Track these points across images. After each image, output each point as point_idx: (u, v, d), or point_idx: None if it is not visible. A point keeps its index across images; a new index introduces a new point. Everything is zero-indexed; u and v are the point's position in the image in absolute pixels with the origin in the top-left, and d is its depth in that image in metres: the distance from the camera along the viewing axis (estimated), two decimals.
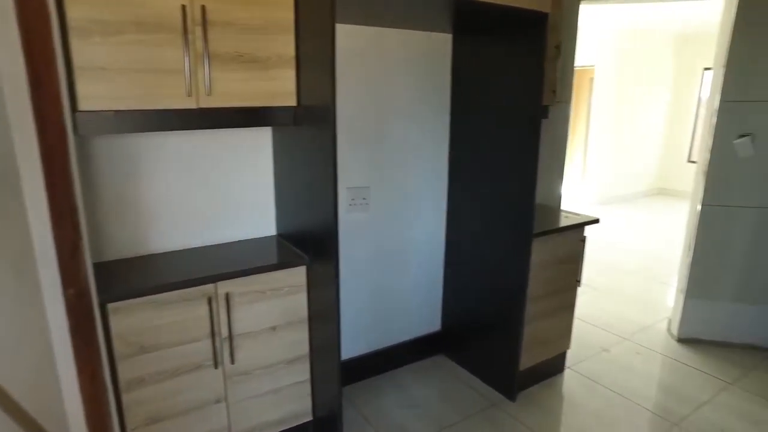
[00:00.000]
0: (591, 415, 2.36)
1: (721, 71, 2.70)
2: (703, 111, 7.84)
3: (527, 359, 2.44)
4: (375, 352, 2.62)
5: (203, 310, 1.73)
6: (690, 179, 8.47)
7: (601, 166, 7.48)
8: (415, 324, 2.75)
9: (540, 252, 2.32)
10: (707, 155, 2.80)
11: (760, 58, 2.63)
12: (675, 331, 3.09)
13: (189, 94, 1.60)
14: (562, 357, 2.70)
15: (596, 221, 2.56)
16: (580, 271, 2.58)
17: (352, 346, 2.54)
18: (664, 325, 3.28)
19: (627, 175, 7.80)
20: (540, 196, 2.83)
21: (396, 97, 2.38)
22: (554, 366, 2.66)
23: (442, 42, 2.45)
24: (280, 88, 1.80)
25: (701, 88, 7.76)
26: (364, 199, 2.38)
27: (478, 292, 2.56)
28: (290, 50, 1.79)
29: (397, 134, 2.42)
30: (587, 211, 2.77)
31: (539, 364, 2.53)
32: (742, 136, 2.71)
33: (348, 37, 2.17)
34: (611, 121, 7.31)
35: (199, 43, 1.58)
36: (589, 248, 2.86)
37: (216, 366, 1.80)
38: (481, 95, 2.36)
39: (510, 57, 2.18)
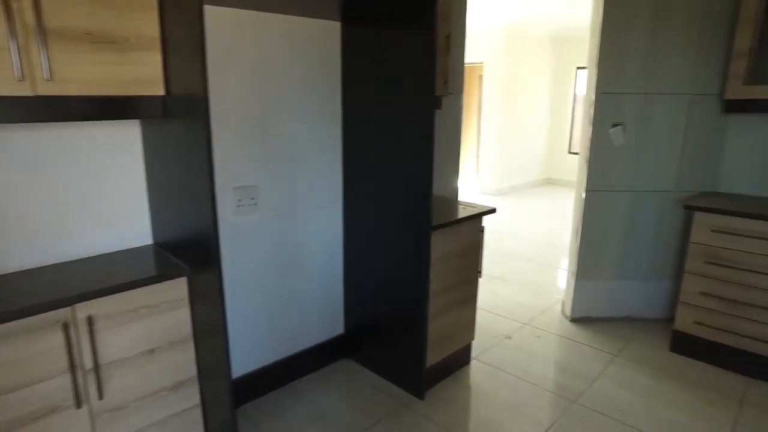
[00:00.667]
0: (499, 403, 2.37)
1: (595, 67, 2.88)
2: (579, 106, 8.56)
3: (434, 355, 2.40)
4: (275, 363, 2.43)
5: (58, 339, 1.44)
6: (571, 169, 9.19)
7: (493, 158, 7.85)
8: (316, 329, 2.61)
9: (440, 245, 2.29)
10: (588, 144, 2.97)
11: (626, 55, 2.84)
12: (568, 312, 3.26)
13: (21, 79, 1.31)
14: (467, 349, 2.71)
15: (493, 211, 2.60)
16: (481, 262, 2.60)
17: (249, 360, 2.33)
18: (558, 307, 3.46)
19: (516, 167, 8.26)
20: (437, 188, 2.82)
21: (284, 88, 2.21)
22: (460, 358, 2.66)
23: (331, 30, 2.32)
24: (143, 74, 1.56)
25: (576, 86, 8.45)
26: (252, 199, 2.18)
27: (380, 290, 2.48)
28: (153, 30, 1.55)
29: (286, 128, 2.26)
30: (482, 202, 2.81)
31: (446, 358, 2.51)
32: (615, 125, 2.91)
33: (226, 20, 1.96)
34: (500, 116, 7.69)
35: (29, 15, 1.30)
36: (486, 238, 2.89)
37: (79, 405, 1.51)
38: (374, 85, 2.27)
39: (401, 46, 2.11)
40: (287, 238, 2.37)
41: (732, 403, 2.39)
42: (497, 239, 5.17)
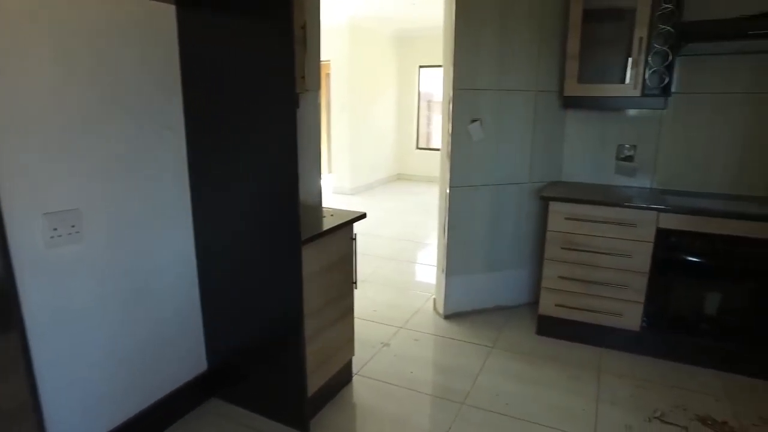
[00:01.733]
0: (388, 420, 2.22)
1: (451, 65, 2.88)
2: (423, 103, 8.94)
3: (315, 381, 2.16)
4: (125, 423, 1.96)
5: None
6: (420, 164, 9.58)
7: (345, 157, 7.79)
8: (173, 371, 2.18)
9: (311, 260, 2.05)
10: (449, 140, 2.97)
11: (479, 54, 2.90)
12: (441, 309, 3.26)
13: None
14: (348, 365, 2.51)
15: (363, 216, 2.44)
16: (355, 272, 2.42)
17: (91, 428, 1.83)
18: (430, 306, 3.45)
19: (369, 165, 8.32)
20: (300, 194, 2.57)
21: (109, 84, 1.75)
22: (342, 377, 2.46)
23: (164, 13, 1.92)
24: None
25: (419, 84, 8.81)
26: (73, 226, 1.70)
27: (248, 316, 2.16)
28: None
29: (115, 133, 1.80)
30: (337, 203, 2.64)
31: (327, 381, 2.28)
32: (474, 121, 2.96)
33: None
34: (350, 114, 7.65)
35: None
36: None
37: None
38: (222, 81, 1.93)
39: (253, 36, 1.82)
40: (125, 269, 1.91)
41: (593, 375, 2.57)
42: (358, 240, 5.07)
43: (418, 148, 9.19)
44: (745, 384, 2.51)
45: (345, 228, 2.30)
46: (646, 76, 2.67)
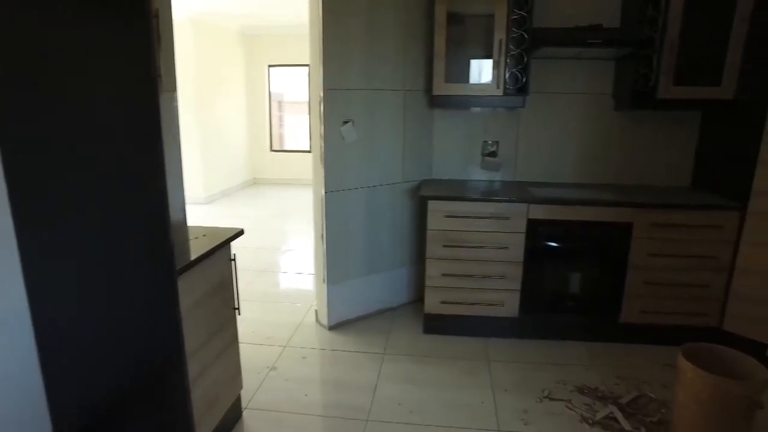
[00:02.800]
0: None
1: (320, 64, 2.72)
2: (274, 104, 8.60)
3: (204, 428, 1.86)
4: None
5: None
6: (275, 167, 9.22)
7: (196, 164, 7.13)
8: None
9: (189, 290, 1.75)
10: (322, 143, 2.82)
11: (348, 53, 2.79)
12: (324, 320, 3.10)
13: None
14: (237, 401, 2.23)
15: (241, 233, 2.17)
16: (237, 296, 2.15)
17: None
18: (312, 318, 3.26)
19: (222, 171, 7.75)
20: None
21: None
22: (232, 415, 2.17)
23: None
24: None
25: (269, 84, 8.46)
26: None
27: (110, 368, 1.75)
28: None
29: None
30: (194, 215, 2.34)
31: (217, 425, 1.99)
32: (346, 122, 2.85)
33: None
34: (197, 117, 7.02)
35: None
36: None
37: None
38: (54, 72, 1.52)
39: (95, 26, 1.45)
40: None
41: (483, 366, 2.66)
42: None
43: (272, 150, 8.83)
44: (604, 350, 2.83)
45: (222, 249, 2.02)
46: (506, 76, 2.83)
